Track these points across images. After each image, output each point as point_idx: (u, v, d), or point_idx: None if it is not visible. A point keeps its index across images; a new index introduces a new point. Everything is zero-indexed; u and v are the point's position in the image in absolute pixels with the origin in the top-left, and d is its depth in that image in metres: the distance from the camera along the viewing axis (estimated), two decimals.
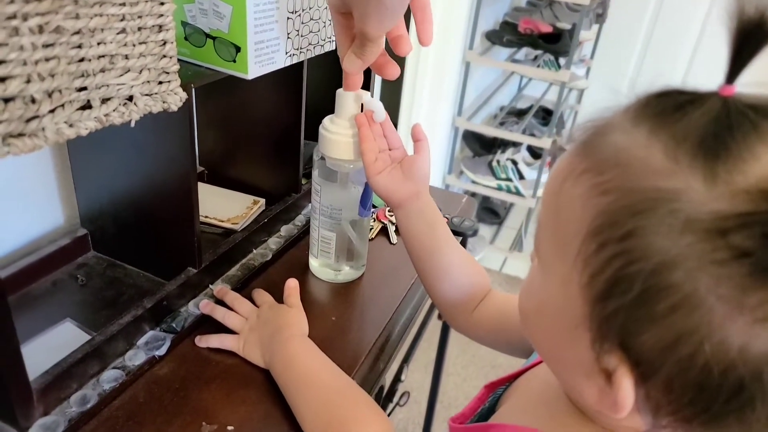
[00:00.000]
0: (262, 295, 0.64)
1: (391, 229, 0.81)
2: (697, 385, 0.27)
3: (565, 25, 2.15)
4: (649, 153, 0.28)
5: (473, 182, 2.24)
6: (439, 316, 0.95)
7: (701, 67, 2.64)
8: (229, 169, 0.82)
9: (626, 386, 0.29)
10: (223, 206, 0.77)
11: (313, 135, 0.72)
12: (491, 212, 2.47)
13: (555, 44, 2.08)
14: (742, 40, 0.27)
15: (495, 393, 0.49)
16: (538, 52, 2.21)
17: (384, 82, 1.83)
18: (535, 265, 0.37)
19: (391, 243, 0.80)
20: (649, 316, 0.27)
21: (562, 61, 2.10)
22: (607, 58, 2.67)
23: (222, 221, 0.74)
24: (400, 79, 1.96)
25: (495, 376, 0.50)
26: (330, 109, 0.62)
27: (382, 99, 1.85)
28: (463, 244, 0.89)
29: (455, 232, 0.84)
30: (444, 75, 1.96)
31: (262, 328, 0.58)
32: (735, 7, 0.27)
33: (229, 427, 0.50)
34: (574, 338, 0.32)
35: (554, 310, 0.34)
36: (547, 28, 2.12)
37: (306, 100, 0.72)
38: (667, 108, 0.29)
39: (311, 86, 0.72)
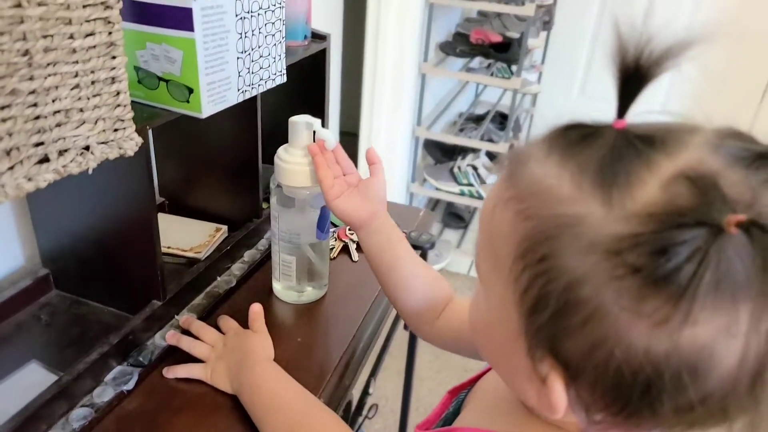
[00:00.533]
0: (227, 322, 0.66)
1: (352, 247, 0.84)
2: (614, 385, 0.30)
3: (514, 34, 2.22)
4: (558, 182, 0.31)
5: (437, 189, 2.28)
6: (405, 326, 0.98)
7: None
8: (189, 198, 0.83)
9: (558, 389, 0.33)
10: (185, 235, 0.78)
11: (269, 158, 0.75)
12: (456, 217, 2.52)
13: (506, 53, 2.14)
14: (625, 82, 0.31)
15: (458, 397, 0.52)
16: (491, 60, 2.27)
17: (342, 99, 1.86)
18: (479, 284, 0.40)
19: (352, 261, 0.83)
20: (568, 328, 0.31)
21: (514, 68, 2.16)
22: (557, 62, 2.76)
23: (185, 251, 0.76)
24: (359, 92, 1.99)
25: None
26: (285, 130, 0.65)
27: (341, 114, 1.89)
28: (423, 257, 0.93)
29: (414, 246, 0.87)
30: (401, 87, 2.01)
31: (228, 356, 0.60)
32: (616, 51, 0.30)
33: None
34: (515, 349, 0.35)
35: (497, 325, 0.37)
36: (497, 38, 2.18)
37: (261, 126, 0.75)
38: (572, 140, 0.32)
39: (265, 112, 0.75)
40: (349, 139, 2.02)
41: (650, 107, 0.32)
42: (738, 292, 0.27)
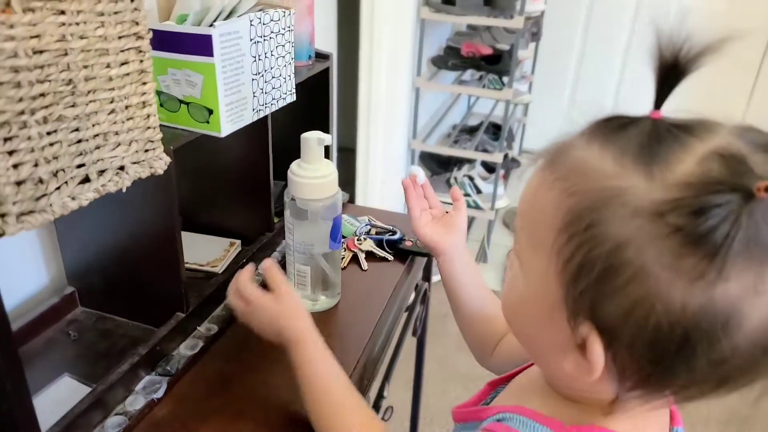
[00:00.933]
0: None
1: (361, 256, 0.87)
2: (652, 341, 0.34)
3: (504, 46, 2.27)
4: (601, 162, 0.35)
5: None
6: (414, 332, 1.01)
7: (630, 72, 2.82)
8: (203, 215, 0.86)
9: (597, 349, 0.36)
10: (201, 251, 0.81)
11: (279, 175, 0.78)
12: None
13: (497, 65, 2.20)
14: (663, 78, 0.35)
15: (496, 390, 0.55)
16: (482, 72, 2.32)
17: (339, 115, 1.90)
18: (516, 267, 0.43)
19: (362, 269, 0.86)
20: (611, 289, 0.34)
21: (505, 79, 2.22)
22: (546, 72, 2.82)
23: (202, 265, 0.79)
24: (355, 109, 2.04)
25: (475, 387, 0.56)
26: (294, 148, 0.68)
27: (339, 131, 1.92)
28: (429, 263, 0.96)
29: (420, 254, 0.90)
30: (396, 102, 2.05)
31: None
32: (655, 50, 0.35)
33: None
34: (553, 320, 0.38)
35: (535, 299, 0.40)
36: (487, 50, 2.24)
37: (272, 144, 0.78)
38: (612, 128, 0.36)
39: (276, 130, 0.78)
40: (347, 154, 2.06)
41: (643, 108, 0.37)
42: (765, 253, 0.31)
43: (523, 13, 1.94)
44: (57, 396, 0.60)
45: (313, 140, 0.67)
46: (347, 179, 2.16)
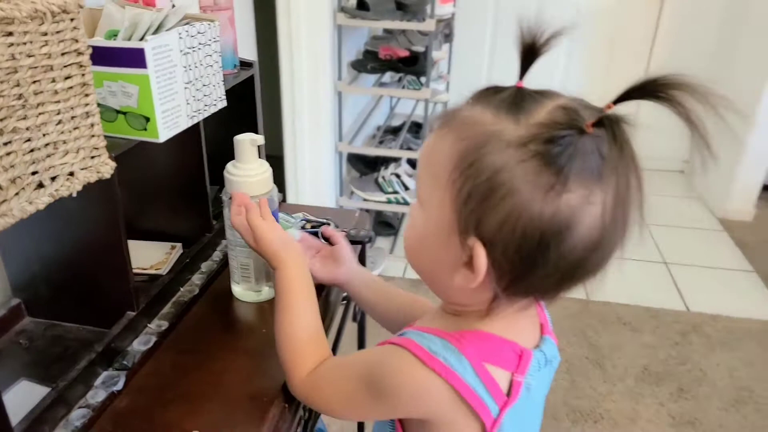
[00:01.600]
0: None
1: None
2: (519, 243, 0.45)
3: (419, 48, 2.39)
4: (483, 116, 0.47)
5: (364, 200, 2.40)
6: (354, 318, 1.07)
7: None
8: (144, 221, 0.89)
9: (481, 256, 0.46)
10: (143, 256, 0.84)
11: (213, 180, 0.83)
12: (386, 225, 2.64)
13: (413, 66, 2.31)
14: (523, 56, 0.48)
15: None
16: (401, 74, 2.42)
17: (264, 124, 1.94)
18: (416, 211, 0.53)
19: None
20: (490, 206, 0.45)
21: (423, 79, 2.33)
22: (461, 71, 2.98)
23: (146, 269, 0.82)
24: (280, 115, 2.08)
25: None
26: (226, 154, 0.74)
27: (266, 134, 1.96)
28: (363, 251, 1.03)
29: (354, 242, 0.97)
30: (319, 107, 2.11)
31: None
32: (517, 34, 0.48)
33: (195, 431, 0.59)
34: (448, 243, 0.48)
35: (434, 229, 0.50)
36: (404, 53, 2.34)
37: (206, 150, 0.83)
38: (489, 93, 0.48)
39: (207, 137, 0.83)
40: (275, 162, 2.09)
41: (552, 82, 0.49)
42: (592, 173, 0.43)
43: (434, 16, 2.06)
44: (16, 399, 0.62)
45: (246, 141, 0.72)
46: (277, 186, 2.20)
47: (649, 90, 0.44)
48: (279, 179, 2.22)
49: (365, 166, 2.54)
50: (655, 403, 1.77)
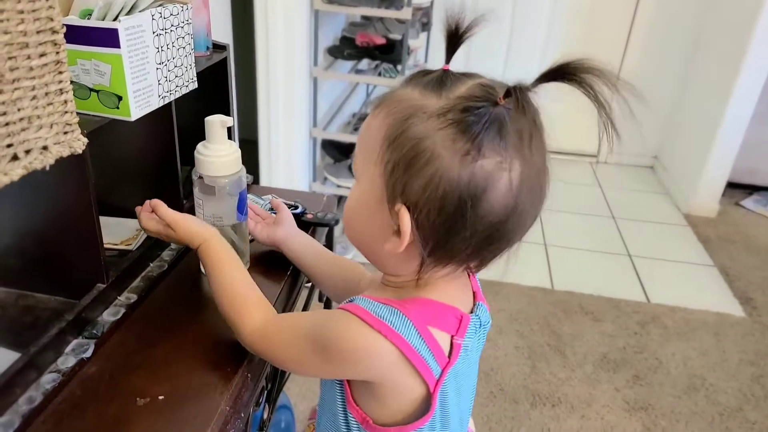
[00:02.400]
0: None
1: None
2: (440, 206, 0.49)
3: (396, 36, 2.41)
4: (411, 93, 0.52)
5: (338, 186, 2.43)
6: (320, 298, 1.11)
7: (513, 53, 3.07)
8: (114, 198, 0.91)
9: (406, 218, 0.51)
10: (114, 232, 0.87)
11: (184, 161, 0.85)
12: None
13: (390, 54, 2.33)
14: (448, 41, 0.54)
15: None
16: (378, 61, 2.45)
17: (238, 108, 1.95)
18: (354, 184, 0.58)
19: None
20: (415, 172, 0.49)
21: (399, 67, 2.36)
22: (437, 60, 3.00)
23: (116, 244, 0.84)
24: (254, 101, 2.09)
25: None
26: (197, 135, 0.76)
27: (241, 121, 1.97)
28: (330, 234, 1.06)
29: (321, 224, 1.01)
30: (294, 92, 2.13)
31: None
32: (444, 21, 0.53)
33: (160, 397, 0.62)
34: (379, 212, 0.53)
35: (368, 199, 0.54)
36: (381, 41, 2.37)
37: (177, 131, 0.85)
38: (418, 75, 0.54)
39: (179, 119, 0.85)
40: (249, 146, 2.11)
41: (533, 49, 0.54)
42: (505, 141, 0.48)
43: (411, 5, 2.09)
44: None
45: (216, 122, 0.75)
46: (251, 170, 2.21)
47: (562, 72, 0.48)
48: (253, 163, 2.24)
49: (339, 152, 2.56)
50: (611, 389, 1.85)
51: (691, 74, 3.11)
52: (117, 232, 0.87)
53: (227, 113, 1.03)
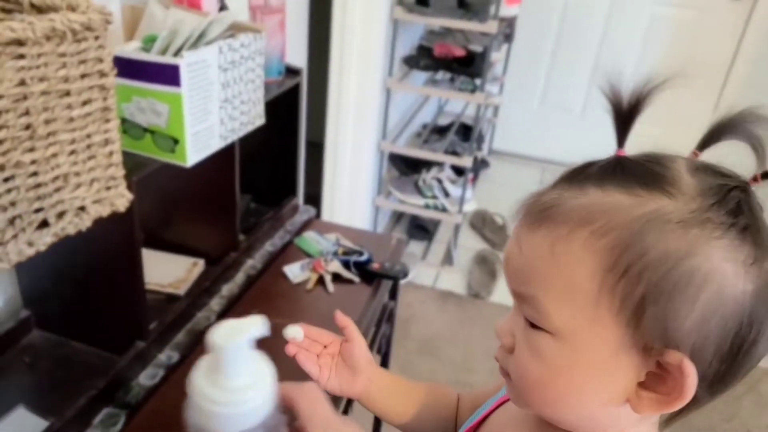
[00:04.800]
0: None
1: (328, 278, 0.87)
2: (726, 337, 0.36)
3: (477, 48, 2.28)
4: (614, 198, 0.37)
5: (401, 202, 2.33)
6: (378, 351, 1.01)
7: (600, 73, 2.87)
8: (166, 232, 0.84)
9: (689, 368, 0.36)
10: (162, 270, 0.80)
11: (243, 187, 0.77)
12: (421, 229, 2.56)
13: (469, 67, 2.20)
14: (620, 122, 0.39)
15: None
16: (454, 73, 2.33)
17: (307, 109, 1.88)
18: (543, 340, 0.40)
19: (328, 292, 0.86)
20: (683, 301, 0.35)
21: (477, 80, 2.22)
22: (518, 74, 2.85)
23: (164, 286, 0.77)
24: (324, 103, 2.02)
25: None
26: (260, 159, 0.65)
27: (307, 130, 1.90)
28: (395, 285, 0.96)
29: (388, 276, 0.90)
30: (366, 102, 2.04)
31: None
32: (611, 99, 0.39)
33: None
34: (615, 368, 0.38)
35: (583, 359, 0.39)
36: (460, 52, 2.24)
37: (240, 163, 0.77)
38: (594, 172, 0.39)
39: (241, 143, 0.77)
40: (314, 149, 2.04)
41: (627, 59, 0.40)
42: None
43: (497, 17, 1.95)
44: (11, 429, 0.58)
45: (235, 343, 0.35)
46: (314, 176, 2.15)
47: (733, 128, 0.38)
48: (316, 168, 2.17)
49: (406, 166, 2.46)
50: None
51: None
52: (167, 271, 0.80)
53: (295, 143, 0.94)
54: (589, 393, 0.40)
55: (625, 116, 0.39)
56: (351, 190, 2.20)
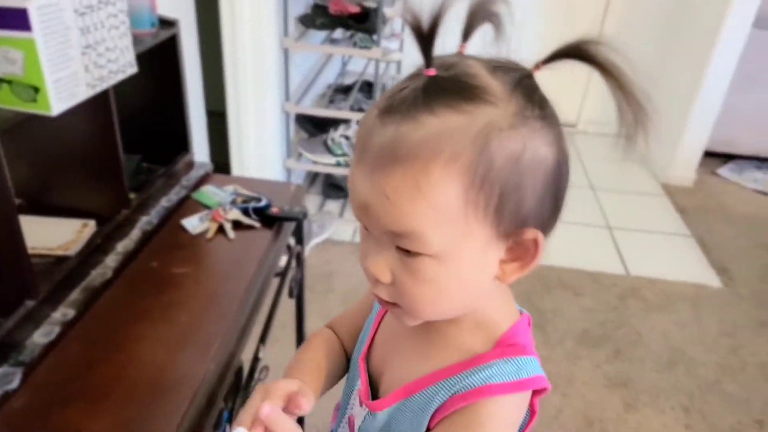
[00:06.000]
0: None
1: (228, 226, 0.88)
2: (554, 200, 0.44)
3: (371, 4, 2.29)
4: (448, 121, 0.40)
5: (313, 162, 2.33)
6: (290, 294, 1.03)
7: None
8: (49, 196, 0.82)
9: (542, 238, 0.43)
10: (49, 234, 0.78)
11: (131, 148, 0.76)
12: (336, 187, 2.59)
13: (365, 23, 2.21)
14: (423, 43, 0.41)
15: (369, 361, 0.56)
16: (352, 31, 2.33)
17: (205, 78, 1.83)
18: (427, 264, 0.44)
19: (229, 239, 0.87)
20: (529, 190, 0.42)
21: (376, 37, 2.24)
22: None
23: (52, 249, 0.75)
24: (221, 74, 1.97)
25: None
26: (144, 119, 0.66)
27: (207, 95, 1.85)
28: (299, 227, 0.98)
29: (288, 218, 0.93)
30: (264, 64, 2.01)
31: None
32: (411, 23, 0.41)
33: None
34: (487, 260, 0.44)
35: (468, 262, 0.44)
36: (355, 9, 2.24)
37: (118, 116, 0.75)
38: (415, 96, 0.41)
39: (124, 100, 0.75)
40: (217, 119, 2.00)
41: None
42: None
43: None
44: None
45: None
46: (221, 146, 2.10)
47: (575, 52, 0.42)
48: (221, 139, 2.13)
49: (314, 126, 2.46)
50: (591, 365, 1.83)
51: (669, 44, 3.03)
52: (53, 235, 0.78)
53: (179, 96, 0.93)
54: (470, 289, 0.46)
55: (426, 37, 0.41)
56: (259, 155, 2.18)
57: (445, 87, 0.41)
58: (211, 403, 0.61)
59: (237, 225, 0.89)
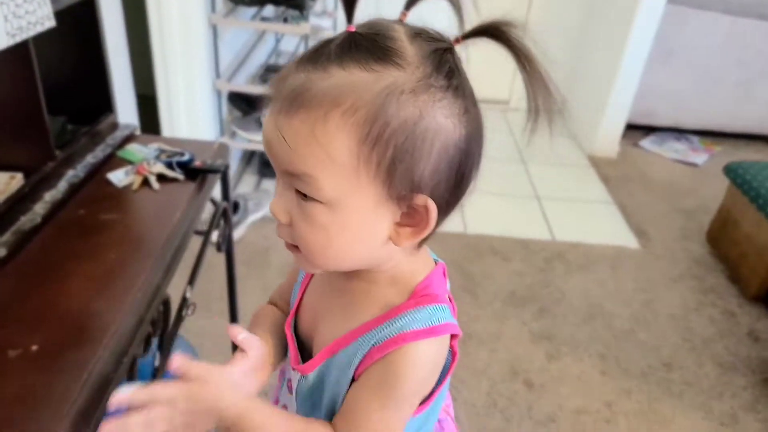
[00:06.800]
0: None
1: (152, 178, 0.92)
2: (453, 174, 0.45)
3: None
4: (355, 76, 0.41)
5: (249, 141, 2.36)
6: (218, 248, 1.08)
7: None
8: None
9: (432, 205, 0.45)
10: None
11: (54, 111, 0.80)
12: (271, 166, 2.62)
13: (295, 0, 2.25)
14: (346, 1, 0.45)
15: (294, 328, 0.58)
16: (283, 7, 2.35)
17: (133, 60, 1.82)
18: (317, 211, 0.45)
19: (153, 191, 0.91)
20: (423, 156, 0.43)
21: (306, 13, 2.27)
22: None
23: None
24: (149, 52, 1.96)
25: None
26: (67, 82, 0.70)
27: (138, 84, 1.84)
28: (225, 182, 1.03)
29: (211, 170, 0.98)
30: (192, 41, 2.01)
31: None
32: None
33: (33, 347, 0.60)
34: (378, 218, 0.46)
35: (355, 215, 0.45)
36: None
37: (40, 74, 0.79)
38: (328, 51, 0.43)
39: (45, 64, 0.79)
40: (148, 103, 1.99)
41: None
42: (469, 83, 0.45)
43: None
44: None
45: None
46: (151, 127, 2.09)
47: (490, 31, 0.43)
48: (153, 123, 2.12)
49: (248, 105, 2.48)
50: (518, 323, 1.96)
51: (591, 24, 3.21)
52: None
53: (100, 57, 0.96)
54: (361, 244, 0.47)
55: None
56: (192, 134, 2.18)
57: (360, 44, 0.43)
58: (139, 325, 0.67)
59: (162, 178, 0.94)
